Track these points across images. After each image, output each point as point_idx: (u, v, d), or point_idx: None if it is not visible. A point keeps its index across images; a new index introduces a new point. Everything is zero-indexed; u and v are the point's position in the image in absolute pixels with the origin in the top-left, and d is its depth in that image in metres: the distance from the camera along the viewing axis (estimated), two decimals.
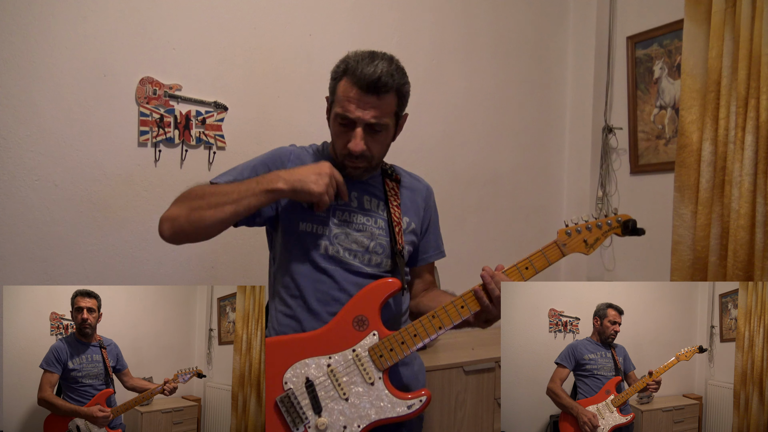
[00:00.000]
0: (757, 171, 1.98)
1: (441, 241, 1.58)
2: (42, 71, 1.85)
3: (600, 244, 1.36)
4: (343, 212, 1.39)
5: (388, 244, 1.40)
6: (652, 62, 2.57)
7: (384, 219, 1.42)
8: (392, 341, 1.29)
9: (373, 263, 1.39)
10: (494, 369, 2.19)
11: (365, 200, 1.42)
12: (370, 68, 1.30)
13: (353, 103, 1.31)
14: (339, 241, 1.37)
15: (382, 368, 1.28)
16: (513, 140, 2.76)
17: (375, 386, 1.28)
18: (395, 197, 1.45)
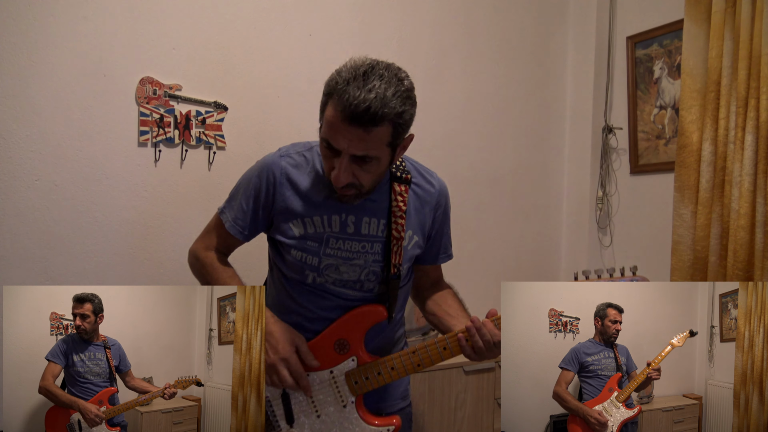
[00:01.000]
0: (757, 171, 1.98)
1: (449, 243, 1.53)
2: (42, 71, 1.85)
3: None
4: (337, 240, 1.31)
5: (382, 271, 1.34)
6: (652, 62, 2.57)
7: (382, 241, 1.33)
8: (369, 370, 1.30)
9: (365, 289, 1.35)
10: (494, 369, 2.19)
11: (363, 223, 1.32)
12: (360, 93, 1.11)
13: (339, 134, 1.15)
14: (329, 272, 1.32)
15: (356, 394, 1.30)
16: (513, 140, 2.76)
17: (346, 409, 1.30)
18: (401, 204, 1.34)
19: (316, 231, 1.31)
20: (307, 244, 1.31)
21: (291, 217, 1.32)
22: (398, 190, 1.35)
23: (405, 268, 1.38)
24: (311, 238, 1.31)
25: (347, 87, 1.13)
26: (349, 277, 1.33)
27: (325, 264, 1.32)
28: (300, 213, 1.31)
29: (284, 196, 1.32)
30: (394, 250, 1.33)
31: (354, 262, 1.32)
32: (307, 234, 1.31)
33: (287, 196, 1.32)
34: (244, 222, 1.36)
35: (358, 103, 1.11)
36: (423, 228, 1.41)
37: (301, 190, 1.32)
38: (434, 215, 1.44)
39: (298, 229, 1.31)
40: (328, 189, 1.29)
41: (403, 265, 1.36)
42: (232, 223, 1.37)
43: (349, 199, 1.27)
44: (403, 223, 1.34)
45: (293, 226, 1.32)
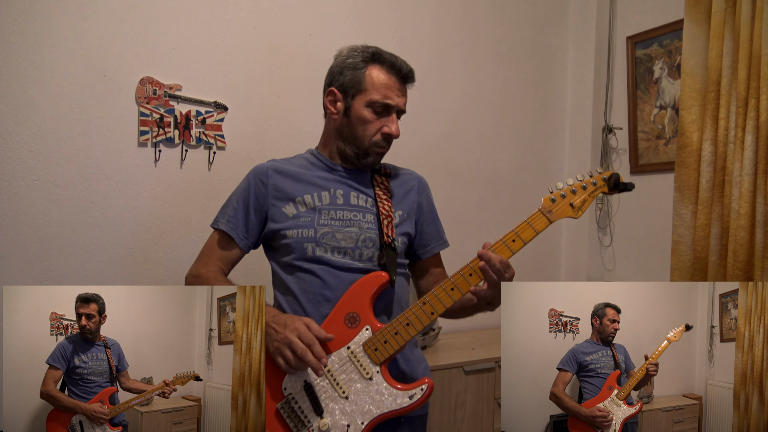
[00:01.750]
0: (757, 171, 1.98)
1: (442, 229, 1.58)
2: (42, 71, 1.85)
3: (588, 205, 1.32)
4: (329, 211, 1.39)
5: (378, 237, 1.40)
6: (652, 62, 2.57)
7: (373, 213, 1.42)
8: (385, 333, 1.27)
9: (364, 257, 1.39)
10: (494, 369, 2.19)
11: (352, 196, 1.42)
12: (399, 60, 1.40)
13: (394, 91, 1.38)
14: (326, 240, 1.37)
15: (379, 362, 1.27)
16: (513, 140, 2.76)
17: (373, 380, 1.26)
18: (385, 191, 1.45)
19: (307, 208, 1.39)
20: (300, 220, 1.38)
21: (283, 201, 1.40)
22: (379, 180, 1.47)
23: (400, 243, 1.42)
24: (304, 215, 1.38)
25: (386, 55, 1.39)
26: (347, 243, 1.38)
27: (321, 233, 1.37)
28: (291, 194, 1.40)
29: (275, 185, 1.41)
30: (385, 223, 1.40)
31: (349, 228, 1.38)
32: (299, 212, 1.39)
33: (277, 184, 1.41)
34: (236, 220, 1.42)
35: (406, 65, 1.40)
36: (412, 207, 1.48)
37: (290, 174, 1.43)
38: (419, 200, 1.51)
39: (290, 210, 1.39)
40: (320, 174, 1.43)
41: (397, 239, 1.41)
42: (228, 224, 1.42)
43: (380, 158, 1.44)
44: (390, 204, 1.43)
45: (286, 209, 1.40)
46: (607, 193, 1.33)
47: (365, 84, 1.37)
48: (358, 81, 1.38)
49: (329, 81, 1.44)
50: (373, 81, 1.37)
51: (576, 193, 1.32)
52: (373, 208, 1.42)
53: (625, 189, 1.31)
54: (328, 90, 1.42)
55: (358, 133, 1.39)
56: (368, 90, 1.37)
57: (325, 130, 1.50)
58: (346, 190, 1.42)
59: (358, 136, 1.40)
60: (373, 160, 1.42)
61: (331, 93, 1.42)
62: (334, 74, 1.42)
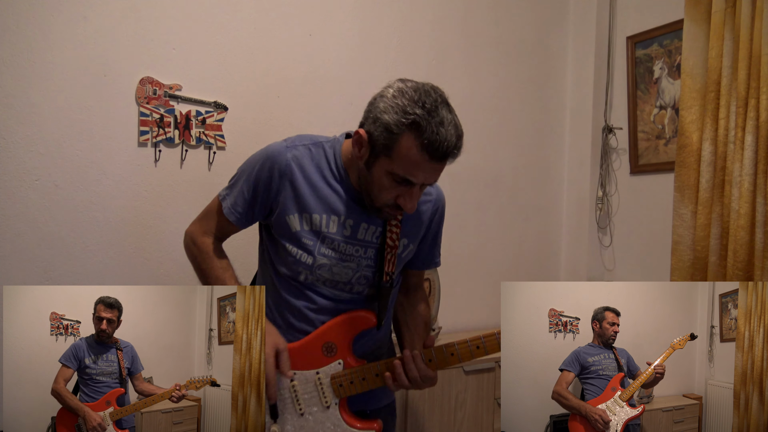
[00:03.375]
0: (757, 171, 1.98)
1: (438, 252, 1.50)
2: (42, 71, 1.85)
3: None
4: (332, 241, 1.31)
5: (374, 276, 1.35)
6: (652, 62, 2.57)
7: (375, 247, 1.34)
8: (354, 375, 1.31)
9: (354, 292, 1.36)
10: (494, 369, 2.19)
11: (361, 228, 1.33)
12: (444, 132, 1.16)
13: (421, 171, 1.20)
14: (321, 272, 1.32)
15: (339, 396, 1.31)
16: (513, 140, 2.76)
17: (330, 411, 1.31)
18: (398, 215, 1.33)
19: (312, 228, 1.30)
20: (303, 241, 1.30)
21: (290, 211, 1.31)
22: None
23: (396, 274, 1.40)
24: (307, 236, 1.31)
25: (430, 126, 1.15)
26: (341, 278, 1.34)
27: (318, 263, 1.32)
28: (300, 208, 1.31)
29: (286, 190, 1.31)
30: (387, 258, 1.34)
31: (347, 264, 1.33)
32: (303, 230, 1.31)
33: (289, 190, 1.31)
34: (243, 209, 1.36)
35: (447, 144, 1.18)
36: (417, 235, 1.42)
37: (304, 186, 1.31)
38: (430, 222, 1.44)
39: (295, 224, 1.31)
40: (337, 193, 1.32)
41: (395, 272, 1.38)
42: (231, 209, 1.37)
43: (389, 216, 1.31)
44: (398, 231, 1.35)
45: (291, 221, 1.31)
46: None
47: (393, 151, 1.18)
48: (387, 145, 1.18)
49: (364, 119, 1.26)
50: (401, 152, 1.17)
51: None
52: (379, 241, 1.34)
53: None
54: (359, 130, 1.24)
55: (373, 192, 1.26)
56: (394, 159, 1.18)
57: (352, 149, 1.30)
58: (357, 220, 1.32)
59: (372, 194, 1.26)
60: (384, 215, 1.30)
61: (359, 135, 1.23)
62: (369, 117, 1.23)
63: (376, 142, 1.20)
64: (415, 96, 1.18)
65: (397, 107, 1.17)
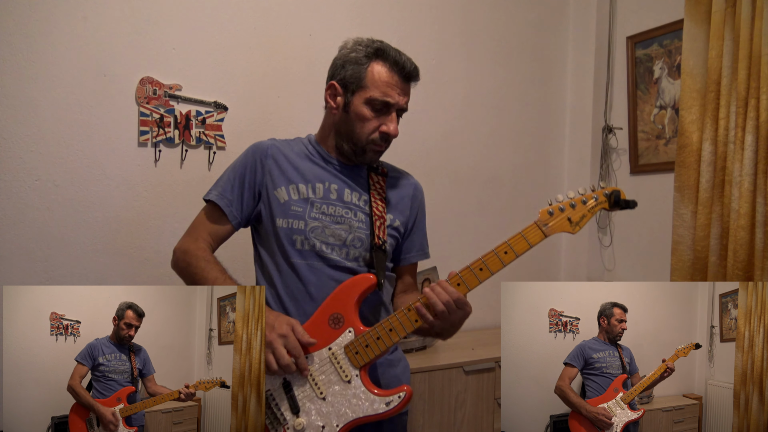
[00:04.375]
0: (757, 171, 1.98)
1: (426, 241, 1.55)
2: (42, 71, 1.85)
3: (587, 221, 1.27)
4: (321, 204, 1.37)
5: (368, 237, 1.38)
6: (652, 62, 2.57)
7: (365, 212, 1.40)
8: (368, 337, 1.26)
9: (351, 257, 1.37)
10: (494, 369, 2.19)
11: (346, 193, 1.40)
12: (404, 56, 1.36)
13: (395, 89, 1.34)
14: (316, 234, 1.36)
15: (359, 365, 1.25)
16: (513, 140, 2.76)
17: (352, 384, 1.25)
18: (380, 191, 1.43)
19: (300, 197, 1.38)
20: (292, 209, 1.36)
21: (278, 185, 1.38)
22: (375, 178, 1.46)
23: (389, 246, 1.41)
24: (296, 204, 1.37)
25: (390, 52, 1.35)
26: (335, 240, 1.36)
27: (311, 226, 1.36)
28: (286, 179, 1.39)
29: (271, 169, 1.40)
30: (377, 224, 1.38)
31: (340, 225, 1.37)
32: (291, 200, 1.37)
33: (274, 168, 1.40)
34: (231, 195, 1.40)
35: (411, 63, 1.37)
36: (404, 212, 1.47)
37: (288, 160, 1.41)
38: (412, 207, 1.49)
39: (282, 194, 1.38)
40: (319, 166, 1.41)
41: (387, 241, 1.40)
42: (220, 197, 1.40)
43: (378, 156, 1.42)
44: (384, 205, 1.42)
45: (278, 192, 1.38)
46: (607, 209, 1.28)
47: (366, 80, 1.34)
48: (359, 77, 1.35)
49: (331, 74, 1.41)
50: (374, 78, 1.34)
51: (575, 207, 1.27)
52: (366, 207, 1.40)
53: (627, 206, 1.25)
54: (329, 83, 1.40)
55: (356, 130, 1.37)
56: (369, 87, 1.34)
57: (324, 122, 1.47)
58: (341, 185, 1.40)
59: (355, 132, 1.37)
60: (370, 157, 1.40)
61: (331, 87, 1.39)
62: (337, 67, 1.39)
63: (348, 81, 1.36)
64: (369, 39, 1.39)
65: (358, 48, 1.36)
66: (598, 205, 1.27)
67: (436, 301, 1.22)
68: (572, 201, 1.27)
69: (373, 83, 1.33)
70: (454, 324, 1.27)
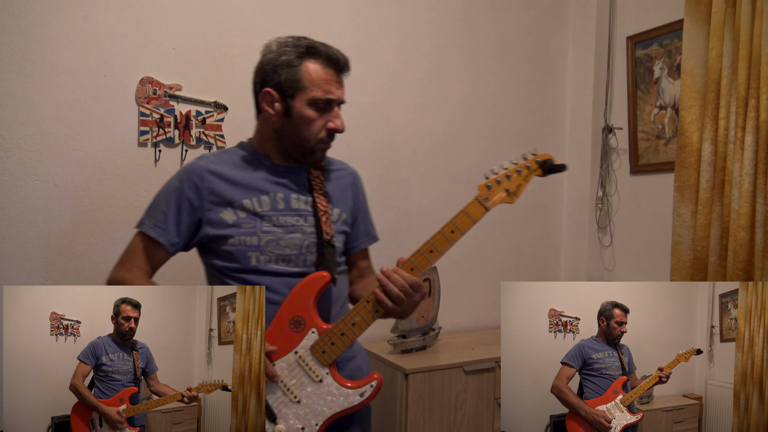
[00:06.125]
0: (757, 171, 1.98)
1: (372, 225, 1.56)
2: (42, 71, 1.85)
3: (523, 190, 1.33)
4: (271, 217, 1.34)
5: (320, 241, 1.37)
6: (652, 62, 2.57)
7: (313, 215, 1.38)
8: (332, 335, 1.27)
9: (308, 263, 1.36)
10: (494, 369, 2.19)
11: (292, 200, 1.37)
12: (333, 48, 1.34)
13: (333, 84, 1.33)
14: (271, 248, 1.33)
15: (327, 363, 1.27)
16: (513, 140, 2.76)
17: (324, 382, 1.27)
18: (321, 187, 1.41)
19: (248, 214, 1.33)
20: (242, 228, 1.32)
21: (221, 208, 1.33)
22: (315, 174, 1.43)
23: (339, 241, 1.41)
24: (245, 221, 1.33)
25: (321, 47, 1.33)
26: (291, 251, 1.34)
27: (265, 240, 1.33)
28: (229, 199, 1.34)
29: (211, 189, 1.34)
30: (323, 220, 1.37)
31: (293, 235, 1.35)
32: (240, 219, 1.33)
33: (213, 187, 1.34)
34: (165, 225, 1.35)
35: (342, 55, 1.35)
36: (346, 204, 1.47)
37: (227, 178, 1.35)
38: (354, 196, 1.50)
39: (230, 216, 1.33)
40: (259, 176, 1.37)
41: (335, 237, 1.39)
42: (155, 228, 1.35)
43: (324, 155, 1.40)
44: (326, 200, 1.41)
45: (224, 215, 1.33)
46: (541, 175, 1.33)
47: (304, 81, 1.30)
48: (295, 79, 1.31)
49: (261, 80, 1.35)
50: (311, 77, 1.31)
51: (511, 178, 1.34)
52: (312, 209, 1.39)
53: (559, 170, 1.32)
54: (264, 91, 1.34)
55: (303, 133, 1.34)
56: (308, 87, 1.31)
57: (260, 129, 1.41)
58: (287, 193, 1.37)
59: (303, 135, 1.34)
60: (319, 156, 1.38)
61: (267, 94, 1.34)
62: (267, 73, 1.33)
63: (284, 85, 1.32)
64: (294, 38, 1.34)
65: (286, 49, 1.32)
66: (531, 173, 1.34)
67: (392, 288, 1.25)
68: (508, 172, 1.34)
69: (312, 83, 1.31)
70: (413, 306, 1.30)
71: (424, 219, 2.52)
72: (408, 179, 2.51)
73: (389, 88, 2.43)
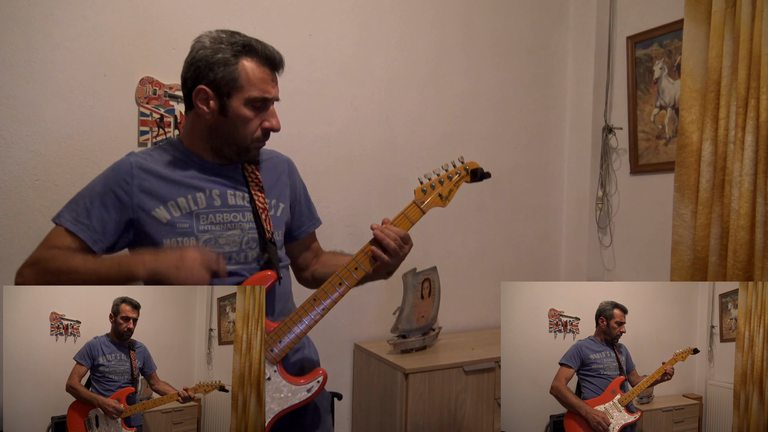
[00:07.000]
0: (757, 171, 1.98)
1: (314, 209, 1.57)
2: (42, 71, 1.85)
3: (454, 194, 1.44)
4: (207, 215, 1.31)
5: (261, 237, 1.36)
6: (652, 62, 2.57)
7: (251, 210, 1.37)
8: (280, 333, 1.29)
9: (250, 259, 1.34)
10: (494, 369, 2.19)
11: (229, 196, 1.35)
12: (269, 48, 1.32)
13: (269, 84, 1.32)
14: (210, 246, 1.30)
15: (275, 362, 1.29)
16: (513, 140, 2.76)
17: (272, 381, 1.28)
18: (257, 182, 1.40)
19: (182, 213, 1.30)
20: (177, 227, 1.29)
21: (154, 207, 1.29)
22: (249, 169, 1.42)
23: (279, 235, 1.41)
24: (181, 220, 1.29)
25: (257, 45, 1.31)
26: (231, 247, 1.33)
27: (203, 239, 1.30)
28: (163, 197, 1.30)
29: (141, 186, 1.29)
30: (263, 218, 1.37)
31: (231, 231, 1.33)
32: (174, 218, 1.29)
33: (144, 184, 1.30)
34: (88, 221, 1.27)
35: (277, 53, 1.34)
36: (284, 193, 1.46)
37: (158, 175, 1.31)
38: (290, 183, 1.50)
39: (163, 214, 1.29)
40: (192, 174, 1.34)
41: (276, 231, 1.40)
42: (75, 223, 1.26)
43: (258, 153, 1.39)
44: (263, 195, 1.40)
45: (157, 213, 1.29)
46: (469, 182, 1.44)
47: (241, 80, 1.28)
48: (232, 78, 1.28)
49: (194, 76, 1.30)
50: (248, 77, 1.28)
51: (443, 183, 1.42)
52: (250, 204, 1.37)
53: (484, 177, 1.44)
54: (198, 89, 1.29)
55: (240, 132, 1.32)
56: (245, 87, 1.28)
57: (192, 126, 1.36)
58: (222, 189, 1.34)
59: (239, 134, 1.32)
60: (254, 155, 1.37)
61: (201, 91, 1.29)
62: (201, 69, 1.29)
63: (220, 83, 1.28)
64: (228, 33, 1.31)
65: (221, 47, 1.29)
66: (461, 179, 1.44)
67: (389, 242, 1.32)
68: (440, 178, 1.42)
69: (249, 82, 1.29)
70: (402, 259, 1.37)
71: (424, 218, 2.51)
72: (408, 179, 2.51)
73: (389, 88, 2.43)
